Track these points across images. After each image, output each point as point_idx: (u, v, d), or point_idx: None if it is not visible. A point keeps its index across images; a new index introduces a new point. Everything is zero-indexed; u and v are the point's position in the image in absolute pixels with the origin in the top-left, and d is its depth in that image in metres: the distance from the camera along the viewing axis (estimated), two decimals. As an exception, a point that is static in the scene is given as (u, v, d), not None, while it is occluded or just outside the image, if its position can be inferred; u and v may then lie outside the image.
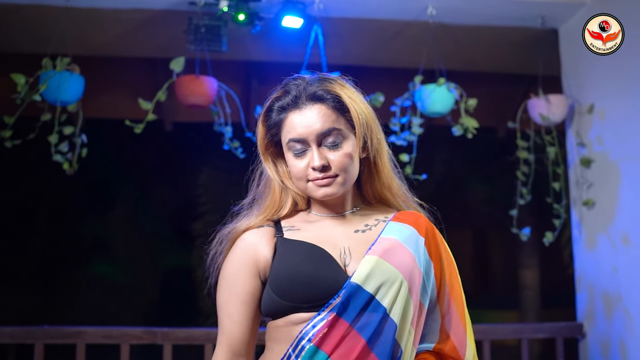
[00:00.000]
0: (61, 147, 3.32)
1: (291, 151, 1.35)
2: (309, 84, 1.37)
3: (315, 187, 1.34)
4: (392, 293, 1.27)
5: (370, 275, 1.27)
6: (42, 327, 3.17)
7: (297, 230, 1.38)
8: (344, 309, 1.25)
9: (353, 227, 1.39)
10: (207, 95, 3.31)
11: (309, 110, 1.33)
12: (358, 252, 1.33)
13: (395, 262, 1.30)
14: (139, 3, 3.45)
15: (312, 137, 1.32)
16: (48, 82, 3.08)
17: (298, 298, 1.28)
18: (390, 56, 4.12)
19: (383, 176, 1.42)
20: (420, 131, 3.40)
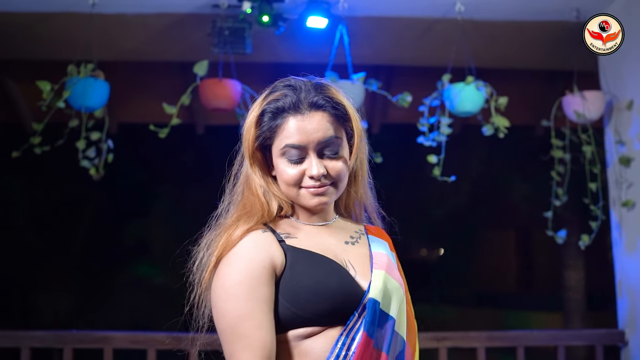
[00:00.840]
0: (88, 152, 3.34)
1: (285, 157, 1.29)
2: (310, 91, 1.30)
3: (310, 195, 1.30)
4: (398, 308, 1.29)
5: (383, 289, 1.27)
6: (71, 332, 3.21)
7: (294, 238, 1.31)
8: (371, 328, 1.22)
9: (340, 237, 1.37)
10: (230, 98, 3.29)
11: (311, 117, 1.28)
12: (360, 266, 1.31)
13: (395, 277, 1.32)
14: (164, 7, 3.45)
15: (313, 145, 1.28)
16: (72, 89, 3.10)
17: (318, 310, 1.22)
18: (418, 54, 4.02)
19: (361, 188, 1.41)
20: (449, 131, 3.30)
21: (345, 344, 1.22)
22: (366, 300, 1.24)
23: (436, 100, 3.37)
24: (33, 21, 3.52)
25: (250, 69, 3.88)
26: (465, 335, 3.26)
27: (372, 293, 1.25)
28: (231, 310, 1.22)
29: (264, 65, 4.12)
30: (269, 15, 3.30)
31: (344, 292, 1.24)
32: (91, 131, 3.34)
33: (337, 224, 1.39)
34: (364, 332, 1.21)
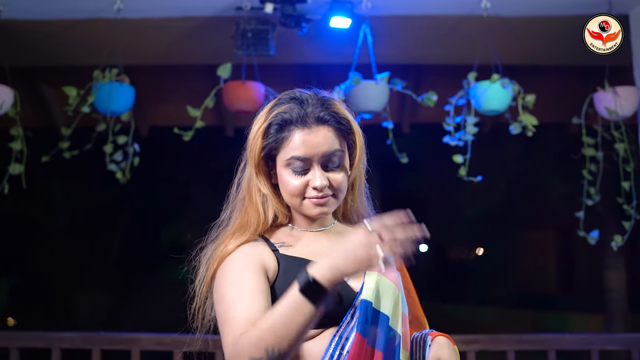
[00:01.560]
0: (115, 156, 3.39)
1: (290, 168, 1.35)
2: (316, 105, 1.36)
3: (312, 205, 1.36)
4: (392, 305, 1.33)
5: (375, 289, 1.32)
6: (99, 334, 3.25)
7: (289, 247, 1.39)
8: (364, 328, 1.28)
9: (337, 241, 1.36)
10: (253, 100, 3.29)
11: (317, 131, 1.33)
12: None
13: (390, 277, 1.36)
14: (188, 11, 3.48)
15: (317, 157, 1.33)
16: (97, 94, 3.15)
17: None
18: (444, 53, 3.97)
19: (357, 198, 1.49)
20: (475, 130, 3.24)
21: (339, 344, 1.28)
22: (358, 301, 1.30)
23: (462, 99, 3.30)
24: (62, 28, 3.59)
25: (274, 71, 3.88)
26: (494, 338, 3.20)
27: (365, 294, 1.31)
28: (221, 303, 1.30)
29: (288, 66, 4.12)
30: (292, 17, 3.30)
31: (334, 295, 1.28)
32: (118, 135, 3.39)
33: (336, 229, 1.46)
34: (357, 333, 1.27)
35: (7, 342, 3.24)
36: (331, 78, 3.30)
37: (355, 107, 3.28)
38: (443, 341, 1.38)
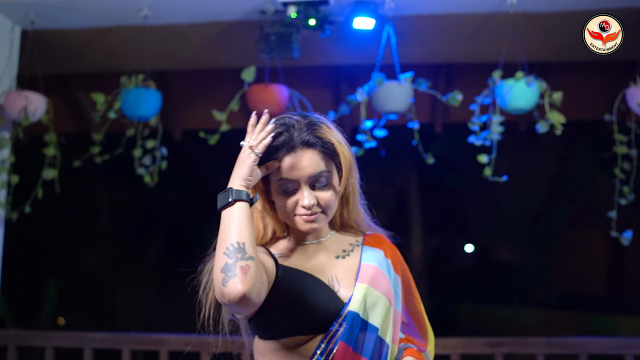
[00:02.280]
0: (144, 160, 3.46)
1: (281, 188, 1.45)
2: (302, 130, 1.45)
3: (302, 222, 1.46)
4: (381, 315, 1.44)
5: (363, 301, 1.42)
6: (129, 334, 3.33)
7: (286, 258, 1.50)
8: (350, 337, 1.38)
9: (332, 252, 1.53)
10: (277, 103, 3.31)
11: (302, 154, 1.43)
12: (345, 279, 1.48)
13: (379, 288, 1.46)
14: (213, 16, 3.52)
15: (304, 178, 1.43)
16: (124, 99, 3.22)
17: (300, 321, 1.40)
18: (469, 52, 3.91)
19: (354, 208, 1.57)
20: (501, 130, 3.17)
21: (325, 351, 1.39)
22: (345, 312, 1.41)
23: (488, 97, 3.25)
24: (93, 36, 3.69)
25: (299, 73, 3.89)
26: (522, 341, 3.13)
27: (352, 306, 1.41)
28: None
29: (313, 68, 4.12)
30: (315, 19, 3.30)
31: (322, 305, 1.41)
32: (147, 139, 3.46)
33: (332, 239, 1.56)
34: (341, 342, 1.38)
35: (43, 341, 3.35)
36: (355, 79, 3.29)
37: (379, 108, 3.27)
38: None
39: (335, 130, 1.49)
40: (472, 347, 3.16)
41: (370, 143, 3.30)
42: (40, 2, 3.35)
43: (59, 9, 3.39)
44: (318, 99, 3.64)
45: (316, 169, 1.43)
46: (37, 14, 3.45)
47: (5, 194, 3.48)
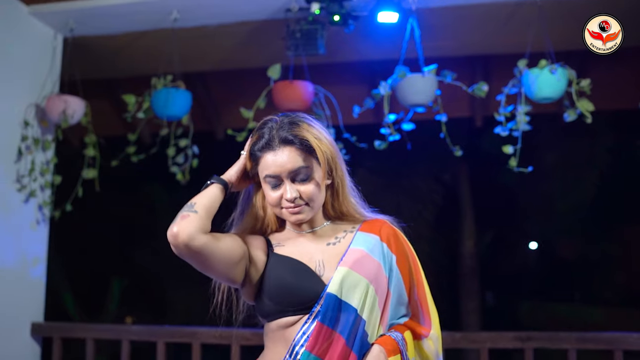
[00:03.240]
0: (177, 159, 3.56)
1: (267, 184, 1.60)
2: (280, 129, 1.59)
3: (289, 214, 1.61)
4: (360, 296, 1.54)
5: (342, 283, 1.54)
6: (163, 327, 3.44)
7: (282, 246, 1.66)
8: (325, 316, 1.51)
9: (324, 240, 1.66)
10: (301, 99, 3.34)
11: (281, 151, 1.57)
12: (330, 263, 1.60)
13: (362, 271, 1.56)
14: (241, 16, 3.59)
15: (285, 174, 1.57)
16: (154, 100, 3.33)
17: (284, 303, 1.55)
18: (495, 42, 3.84)
19: (344, 198, 1.68)
20: (527, 119, 3.10)
21: (307, 331, 1.52)
22: (325, 293, 1.53)
23: (516, 87, 3.18)
24: (129, 40, 3.83)
25: (325, 70, 3.91)
26: (553, 335, 3.05)
27: (330, 287, 1.53)
28: None
29: (339, 64, 4.13)
30: (339, 14, 3.32)
31: (304, 287, 1.54)
32: (179, 138, 3.57)
33: (327, 228, 1.68)
34: (317, 321, 1.51)
35: (84, 333, 3.50)
36: (381, 73, 3.29)
37: (403, 101, 3.26)
38: (374, 351, 1.51)
39: (315, 128, 1.62)
40: (501, 341, 3.10)
41: (394, 136, 3.29)
42: (79, 10, 3.51)
43: (96, 15, 3.54)
44: (344, 94, 3.64)
45: (294, 164, 1.56)
46: (76, 22, 3.61)
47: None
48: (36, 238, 3.58)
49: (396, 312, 1.61)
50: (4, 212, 3.35)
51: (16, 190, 3.43)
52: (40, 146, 3.57)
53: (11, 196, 3.41)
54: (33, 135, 3.50)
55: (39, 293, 3.60)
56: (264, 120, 1.65)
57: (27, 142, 3.47)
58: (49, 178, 3.63)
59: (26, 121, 3.47)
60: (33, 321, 3.52)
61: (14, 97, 3.45)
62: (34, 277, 3.55)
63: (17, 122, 3.46)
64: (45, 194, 3.62)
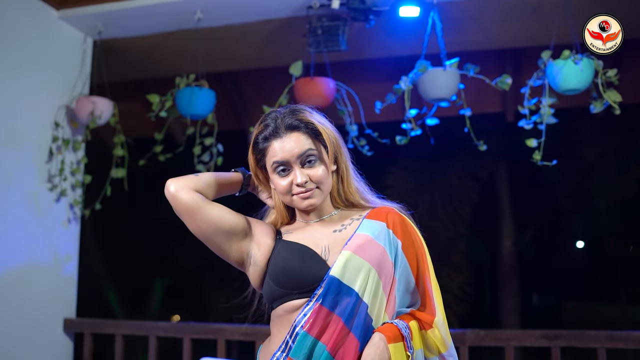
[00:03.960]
0: (203, 157, 3.60)
1: (276, 172, 1.63)
2: (285, 117, 1.63)
3: (300, 200, 1.63)
4: (362, 280, 1.53)
5: (344, 267, 1.54)
6: (189, 324, 3.48)
7: (291, 234, 1.70)
8: (326, 298, 1.52)
9: (332, 227, 1.67)
10: (323, 96, 3.33)
11: (288, 137, 1.61)
12: (335, 248, 1.61)
13: (365, 255, 1.56)
14: (264, 14, 3.61)
15: (293, 159, 1.60)
16: (177, 99, 3.38)
17: (289, 286, 1.57)
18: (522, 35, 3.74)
19: (349, 184, 1.71)
20: (552, 112, 3.02)
21: (307, 313, 1.53)
22: (327, 276, 1.54)
23: (541, 80, 3.10)
24: (156, 41, 3.90)
25: (347, 66, 3.90)
26: (581, 333, 2.96)
27: (333, 271, 1.54)
28: None
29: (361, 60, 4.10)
30: (360, 10, 3.30)
31: (308, 270, 1.57)
32: (205, 137, 3.61)
33: (335, 217, 1.71)
34: (317, 303, 1.52)
35: (114, 329, 3.57)
36: (404, 69, 3.25)
37: (425, 96, 3.22)
38: (374, 339, 1.51)
39: (317, 114, 1.68)
40: (528, 339, 3.03)
41: (415, 131, 3.25)
42: (106, 13, 3.59)
43: (122, 18, 3.61)
44: (367, 91, 3.61)
45: (302, 148, 1.60)
46: (103, 25, 3.70)
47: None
48: (68, 236, 3.67)
49: (403, 300, 1.61)
50: (36, 211, 3.45)
51: (47, 190, 3.53)
52: (70, 146, 3.66)
53: (43, 195, 3.50)
54: (63, 136, 3.59)
55: (70, 289, 3.69)
56: (267, 112, 1.70)
57: (58, 143, 3.56)
58: (80, 178, 3.72)
59: (56, 122, 3.56)
60: (65, 317, 3.61)
61: (46, 100, 3.55)
62: (65, 274, 3.64)
63: (48, 123, 3.56)
64: (76, 193, 3.72)
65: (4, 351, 3.20)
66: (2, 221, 3.23)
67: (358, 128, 3.48)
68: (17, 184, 3.33)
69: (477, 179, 7.07)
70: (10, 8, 3.33)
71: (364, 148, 3.47)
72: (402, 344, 1.50)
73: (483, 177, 7.10)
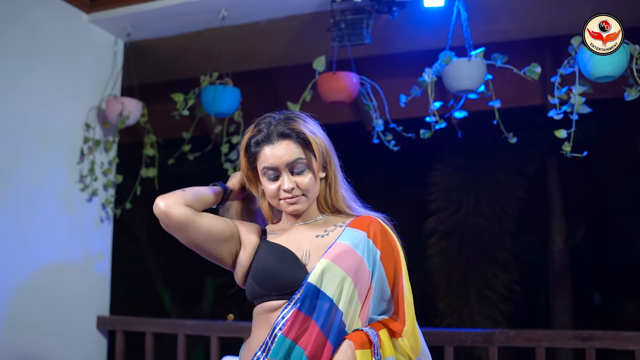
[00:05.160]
0: (231, 155, 3.60)
1: (265, 176, 1.71)
2: (278, 124, 1.70)
3: (286, 204, 1.71)
4: (338, 288, 1.60)
5: (322, 274, 1.61)
6: (216, 322, 3.49)
7: (275, 235, 1.78)
8: (303, 303, 1.59)
9: (315, 232, 1.74)
10: (346, 90, 3.27)
11: (279, 144, 1.68)
12: (315, 254, 1.68)
13: (342, 264, 1.62)
14: (289, 10, 3.58)
15: (282, 165, 1.68)
16: (202, 97, 3.39)
17: (269, 286, 1.65)
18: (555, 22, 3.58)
19: (336, 192, 1.78)
20: (583, 100, 2.88)
21: (285, 316, 1.60)
22: (305, 282, 1.61)
23: (572, 68, 2.95)
24: (184, 42, 3.92)
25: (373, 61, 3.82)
26: (617, 335, 2.79)
27: (311, 277, 1.61)
28: None
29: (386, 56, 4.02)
30: (383, 2, 3.23)
31: (287, 273, 1.64)
32: (232, 135, 3.60)
33: (320, 222, 1.78)
34: (295, 308, 1.59)
35: (144, 327, 3.62)
36: (428, 61, 3.15)
37: (449, 87, 3.11)
38: (343, 346, 1.57)
39: (311, 124, 1.75)
40: (560, 340, 2.90)
41: (440, 124, 3.15)
42: (133, 15, 3.63)
43: (149, 18, 3.65)
44: (392, 84, 3.53)
45: (292, 156, 1.67)
46: (132, 27, 3.75)
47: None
48: (100, 235, 3.74)
49: (377, 307, 1.68)
50: (68, 210, 3.52)
51: (79, 190, 3.60)
52: (101, 147, 3.72)
53: (75, 195, 3.58)
54: (94, 136, 3.66)
55: (104, 287, 3.76)
56: (262, 117, 1.76)
57: (89, 144, 3.62)
58: (112, 177, 3.79)
59: (87, 124, 3.63)
60: (99, 314, 3.68)
61: (77, 101, 3.63)
62: (98, 272, 3.71)
63: (80, 124, 3.63)
64: (107, 193, 3.78)
65: (39, 348, 3.28)
66: (35, 220, 3.31)
67: (384, 123, 3.40)
68: (50, 184, 3.40)
69: (524, 174, 6.85)
70: (42, 14, 3.41)
71: (390, 143, 3.40)
72: (370, 350, 1.56)
73: (531, 172, 6.87)
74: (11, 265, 3.15)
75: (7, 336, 3.09)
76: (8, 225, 3.14)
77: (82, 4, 3.63)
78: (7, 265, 3.12)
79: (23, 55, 3.29)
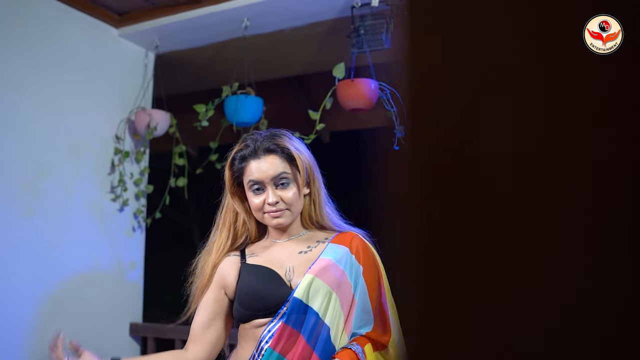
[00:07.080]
0: (255, 163, 3.62)
1: (251, 190, 1.77)
2: (264, 140, 1.77)
3: (270, 218, 1.78)
4: (323, 302, 1.66)
5: (307, 289, 1.67)
6: (241, 329, 3.50)
7: (256, 256, 1.82)
8: (289, 317, 1.66)
9: (298, 248, 1.80)
10: (365, 97, 3.24)
11: (264, 159, 1.75)
12: (299, 270, 1.74)
13: (326, 279, 1.69)
14: (310, 17, 3.58)
15: (267, 180, 1.74)
16: (225, 107, 3.43)
17: (254, 308, 1.70)
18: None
19: (320, 209, 1.84)
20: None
21: (272, 329, 1.66)
22: (292, 297, 1.67)
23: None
24: (211, 52, 3.98)
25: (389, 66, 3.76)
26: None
27: (297, 292, 1.68)
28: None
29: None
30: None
31: (271, 293, 1.69)
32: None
33: (303, 237, 1.84)
34: (281, 321, 1.65)
35: (173, 334, 3.68)
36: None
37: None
38: None
39: (296, 141, 1.83)
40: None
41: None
42: (160, 28, 3.70)
43: (175, 30, 3.71)
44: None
45: (276, 170, 1.74)
46: (160, 39, 3.83)
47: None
48: (132, 244, 3.83)
49: (360, 320, 1.72)
50: (100, 220, 3.63)
51: (110, 200, 3.70)
52: (132, 158, 3.82)
53: (106, 206, 3.68)
54: (124, 147, 3.75)
55: (136, 295, 3.85)
56: (248, 134, 1.85)
57: (120, 155, 3.72)
58: (142, 187, 3.88)
59: (117, 136, 3.73)
60: (131, 322, 3.77)
61: (108, 114, 3.73)
62: (131, 280, 3.80)
63: (110, 136, 3.73)
64: (139, 203, 3.87)
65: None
66: (67, 231, 3.42)
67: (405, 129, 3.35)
68: (80, 195, 3.51)
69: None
70: (73, 31, 3.53)
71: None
72: None
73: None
74: (44, 275, 3.26)
75: (40, 345, 3.21)
76: (40, 236, 3.26)
77: (111, 19, 3.73)
78: (39, 275, 3.24)
79: (56, 71, 3.41)
